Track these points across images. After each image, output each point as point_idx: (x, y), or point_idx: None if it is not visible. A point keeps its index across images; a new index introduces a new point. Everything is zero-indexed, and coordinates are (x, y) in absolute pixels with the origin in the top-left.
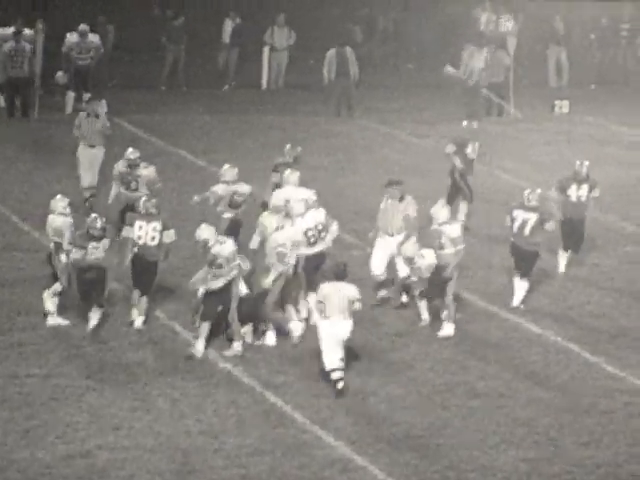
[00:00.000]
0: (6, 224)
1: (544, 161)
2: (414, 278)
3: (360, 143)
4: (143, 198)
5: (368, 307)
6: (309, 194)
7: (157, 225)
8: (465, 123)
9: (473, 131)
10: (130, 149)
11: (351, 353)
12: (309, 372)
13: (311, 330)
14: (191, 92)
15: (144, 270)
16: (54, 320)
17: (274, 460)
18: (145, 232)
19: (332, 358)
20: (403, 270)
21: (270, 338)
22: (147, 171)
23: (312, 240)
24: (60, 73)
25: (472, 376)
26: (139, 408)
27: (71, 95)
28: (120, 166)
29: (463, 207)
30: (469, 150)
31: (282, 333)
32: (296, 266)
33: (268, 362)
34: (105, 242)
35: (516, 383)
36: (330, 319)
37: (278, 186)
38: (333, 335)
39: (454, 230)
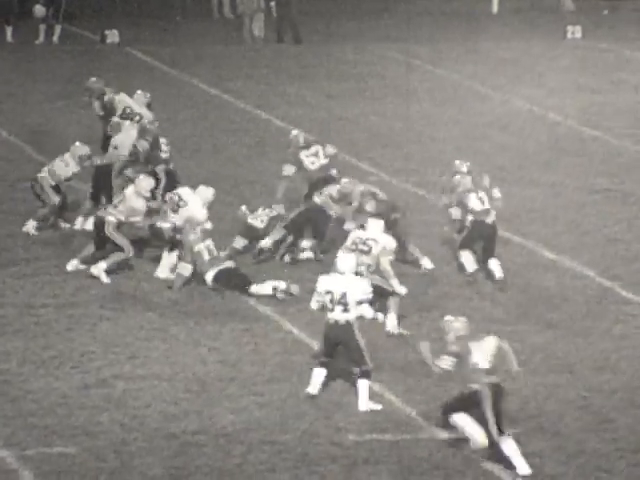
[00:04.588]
0: (21, 155)
1: (558, 87)
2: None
3: (373, 70)
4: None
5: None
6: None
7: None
8: None
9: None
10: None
11: None
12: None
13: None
14: (203, 22)
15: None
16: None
17: (290, 387)
18: None
19: None
20: None
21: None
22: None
23: None
24: (38, 6)
25: (488, 302)
26: (155, 337)
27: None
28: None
29: None
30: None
31: None
32: None
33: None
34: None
35: (532, 309)
36: None
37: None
38: None
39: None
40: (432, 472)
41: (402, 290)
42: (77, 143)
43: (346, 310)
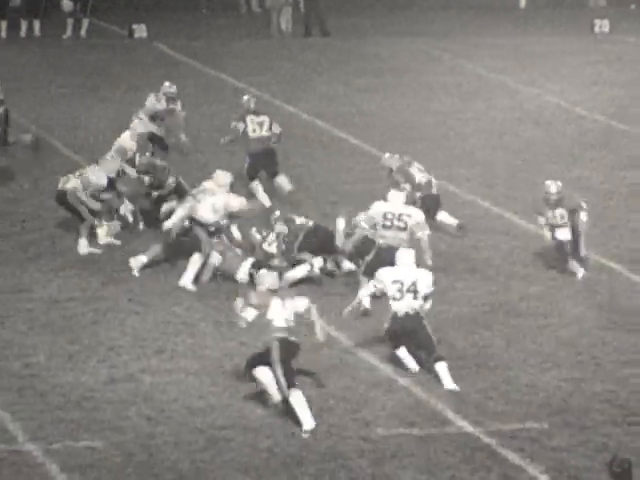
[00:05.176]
0: (48, 149)
1: (585, 81)
2: None
3: (401, 64)
4: None
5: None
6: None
7: None
8: None
9: None
10: None
11: None
12: (352, 295)
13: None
14: (231, 16)
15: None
16: (86, 249)
17: (318, 381)
18: None
19: None
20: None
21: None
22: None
23: None
24: (66, 1)
25: (514, 295)
26: (182, 331)
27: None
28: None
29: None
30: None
31: None
32: None
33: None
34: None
35: (558, 303)
36: None
37: None
38: None
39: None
40: (459, 466)
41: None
42: (107, 156)
43: (416, 298)
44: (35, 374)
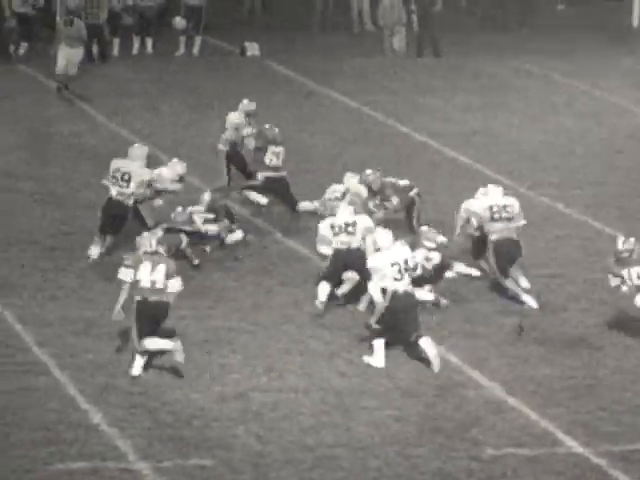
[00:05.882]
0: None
1: None
2: None
3: (512, 84)
4: None
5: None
6: None
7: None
8: None
9: None
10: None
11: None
12: (463, 313)
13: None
14: (343, 34)
15: None
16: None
17: (427, 401)
18: None
19: None
20: None
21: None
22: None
23: None
24: (178, 18)
25: (626, 316)
26: (292, 350)
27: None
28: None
29: None
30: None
31: None
32: None
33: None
34: None
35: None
36: None
37: None
38: None
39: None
40: None
41: None
42: (174, 159)
43: (410, 276)
44: (144, 392)
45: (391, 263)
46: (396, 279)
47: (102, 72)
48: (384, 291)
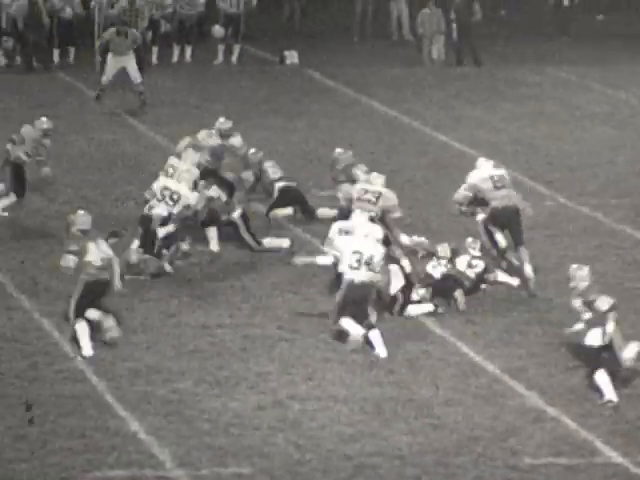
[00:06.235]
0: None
1: None
2: None
3: (551, 93)
4: None
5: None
6: None
7: None
8: None
9: None
10: None
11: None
12: (501, 322)
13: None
14: (382, 43)
15: None
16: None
17: (466, 410)
18: None
19: None
20: None
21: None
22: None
23: None
24: (217, 27)
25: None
26: (331, 358)
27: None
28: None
29: None
30: None
31: None
32: None
33: (460, 313)
34: None
35: None
36: None
37: None
38: None
39: None
40: None
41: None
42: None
43: (370, 270)
44: (182, 400)
45: (353, 250)
46: (353, 267)
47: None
48: (339, 277)
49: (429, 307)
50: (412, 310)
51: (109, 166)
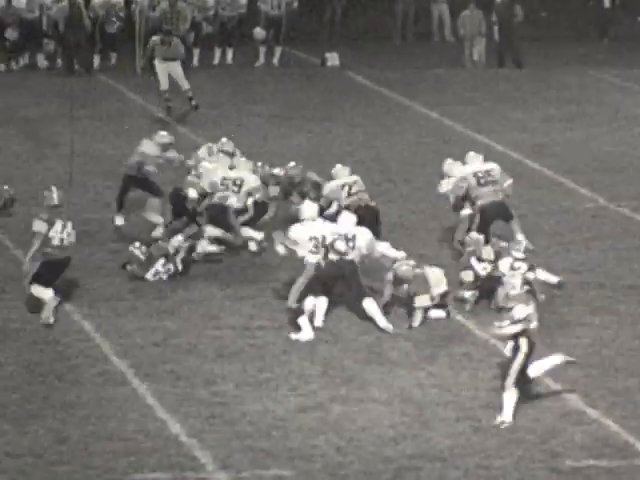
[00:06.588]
0: None
1: None
2: None
3: (592, 95)
4: None
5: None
6: None
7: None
8: None
9: None
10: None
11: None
12: (541, 324)
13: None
14: (423, 45)
15: None
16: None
17: None
18: None
19: None
20: None
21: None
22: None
23: None
24: (258, 29)
25: None
26: (373, 361)
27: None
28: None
29: None
30: None
31: None
32: None
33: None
34: None
35: None
36: None
37: None
38: None
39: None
40: None
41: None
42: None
43: (329, 252)
44: (224, 402)
45: (310, 237)
46: (312, 252)
47: None
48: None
49: (441, 313)
50: (432, 313)
51: None
